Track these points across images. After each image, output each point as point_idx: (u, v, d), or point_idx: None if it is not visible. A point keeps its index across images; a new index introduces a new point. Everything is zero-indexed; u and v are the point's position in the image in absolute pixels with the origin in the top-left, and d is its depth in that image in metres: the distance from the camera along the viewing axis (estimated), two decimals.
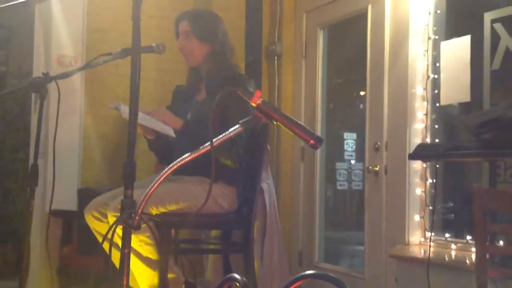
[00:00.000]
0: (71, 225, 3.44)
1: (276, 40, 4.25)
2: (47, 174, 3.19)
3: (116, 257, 1.64)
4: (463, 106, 3.09)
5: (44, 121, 2.14)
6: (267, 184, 2.93)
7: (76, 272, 3.29)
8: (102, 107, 3.54)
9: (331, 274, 1.17)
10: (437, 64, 3.10)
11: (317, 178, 4.01)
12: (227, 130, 1.52)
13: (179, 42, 2.78)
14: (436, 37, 3.17)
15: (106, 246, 1.99)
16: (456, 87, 2.96)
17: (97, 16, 3.69)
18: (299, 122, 1.53)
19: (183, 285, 2.59)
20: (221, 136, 1.51)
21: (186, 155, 1.48)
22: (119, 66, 3.48)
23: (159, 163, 3.13)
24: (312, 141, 1.49)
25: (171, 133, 2.64)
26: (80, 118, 3.61)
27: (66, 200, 3.38)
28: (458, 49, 2.95)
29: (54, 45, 3.56)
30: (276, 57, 4.25)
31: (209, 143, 1.47)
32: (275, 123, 1.51)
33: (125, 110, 2.42)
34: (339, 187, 4.59)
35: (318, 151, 3.90)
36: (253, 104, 1.50)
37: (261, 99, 1.50)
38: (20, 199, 5.40)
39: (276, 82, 4.23)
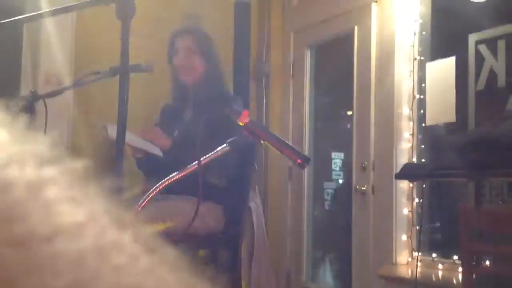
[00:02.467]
0: None
1: (264, 60, 4.28)
2: None
3: None
4: (448, 126, 3.12)
5: None
6: (254, 203, 2.93)
7: None
8: (90, 126, 3.53)
9: None
10: (423, 85, 3.14)
11: (305, 197, 4.01)
12: (215, 149, 1.53)
13: (180, 58, 2.77)
14: (422, 58, 3.21)
15: None
16: (441, 107, 2.99)
17: (86, 34, 3.70)
18: (287, 141, 1.54)
19: None
20: (208, 155, 1.52)
21: (174, 174, 1.48)
22: (107, 84, 3.47)
23: (145, 184, 3.11)
24: (299, 160, 1.50)
25: (158, 152, 2.64)
26: (68, 136, 3.60)
27: None
28: (443, 70, 2.99)
29: (42, 63, 3.56)
30: (264, 77, 4.27)
31: (196, 162, 1.48)
32: (262, 142, 1.52)
33: (113, 130, 2.43)
34: (326, 207, 4.59)
35: (306, 170, 3.91)
36: (241, 123, 1.51)
37: (249, 118, 1.51)
38: None
39: (264, 101, 4.25)
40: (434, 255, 3.02)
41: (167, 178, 1.47)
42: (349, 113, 3.91)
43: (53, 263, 0.31)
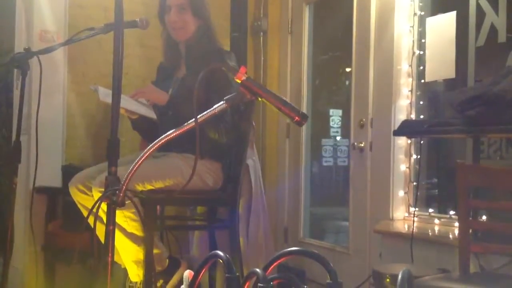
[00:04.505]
0: (56, 202, 3.43)
1: (261, 16, 4.22)
2: (31, 151, 3.16)
3: (101, 232, 1.64)
4: (447, 82, 3.10)
5: (27, 97, 2.12)
6: (252, 160, 2.94)
7: (61, 248, 3.29)
8: (86, 83, 3.50)
9: (313, 251, 1.18)
10: (423, 40, 3.10)
11: (302, 154, 4.02)
12: (211, 106, 1.51)
13: (172, 15, 2.72)
14: (422, 13, 3.16)
15: (91, 220, 1.99)
16: (441, 63, 2.97)
17: None
18: (284, 98, 1.52)
19: (168, 261, 2.59)
20: (205, 112, 1.50)
21: (171, 131, 1.47)
22: (102, 42, 3.44)
23: (144, 140, 3.11)
24: (297, 118, 1.49)
25: (152, 115, 2.63)
26: (64, 94, 3.57)
27: (51, 177, 3.36)
28: (443, 25, 2.95)
29: (36, 21, 3.50)
30: (261, 33, 4.22)
31: (193, 120, 1.47)
32: (260, 99, 1.50)
33: (103, 93, 2.41)
34: (324, 164, 4.61)
35: (304, 127, 3.90)
36: (238, 81, 1.49)
37: (246, 76, 1.49)
38: (3, 177, 5.36)
39: (262, 58, 4.21)
40: (430, 210, 3.04)
41: (164, 136, 1.46)
42: (348, 69, 3.89)
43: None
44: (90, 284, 2.99)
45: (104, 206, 1.52)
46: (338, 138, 4.65)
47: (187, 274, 1.31)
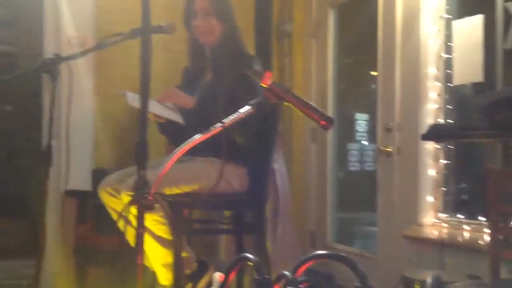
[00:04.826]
0: (86, 205, 3.47)
1: (286, 19, 4.22)
2: (61, 154, 3.21)
3: (130, 235, 1.66)
4: (476, 86, 3.06)
5: (56, 102, 2.15)
6: (278, 165, 2.93)
7: (92, 251, 3.33)
8: (113, 88, 3.54)
9: (343, 254, 1.18)
10: (450, 44, 3.07)
11: (328, 159, 4.00)
12: (237, 110, 1.52)
13: (199, 20, 2.74)
14: (449, 16, 3.13)
15: (121, 224, 2.01)
16: (468, 66, 2.93)
17: None
18: (310, 102, 1.52)
19: (196, 264, 2.61)
20: (231, 116, 1.51)
21: (198, 135, 1.48)
22: (129, 47, 3.47)
23: (170, 144, 3.14)
24: (323, 122, 1.49)
25: (179, 119, 2.65)
26: (92, 99, 3.62)
27: (80, 180, 3.41)
28: (470, 28, 2.92)
29: (64, 26, 3.56)
30: (286, 37, 4.22)
31: (220, 124, 1.47)
32: (285, 103, 1.51)
33: (131, 97, 2.43)
34: (350, 168, 4.58)
35: (330, 132, 3.89)
36: (264, 85, 1.49)
37: (272, 80, 1.50)
38: (33, 180, 5.45)
39: (286, 62, 4.21)
40: (460, 216, 3.00)
41: (190, 140, 1.47)
42: (374, 73, 3.86)
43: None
44: (120, 287, 3.01)
45: (133, 209, 1.54)
46: (364, 142, 4.62)
47: (217, 276, 1.32)
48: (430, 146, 3.13)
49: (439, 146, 3.12)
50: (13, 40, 6.29)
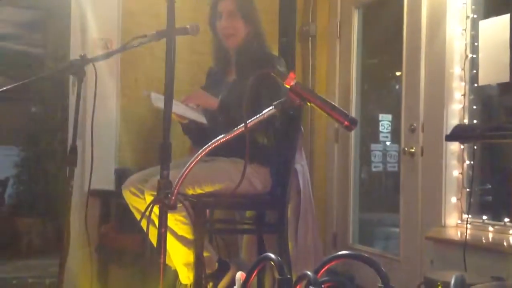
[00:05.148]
0: (109, 204, 3.52)
1: (310, 20, 4.22)
2: (85, 154, 3.25)
3: (153, 234, 1.68)
4: (502, 86, 3.02)
5: (82, 103, 2.18)
6: (301, 165, 2.93)
7: (114, 250, 3.36)
8: (138, 89, 3.59)
9: (365, 255, 1.18)
10: (476, 44, 3.03)
11: (351, 159, 3.99)
12: (261, 111, 1.53)
13: (224, 22, 2.75)
14: (475, 16, 3.09)
15: (143, 223, 2.04)
16: (495, 67, 2.89)
17: None
18: (333, 103, 1.52)
19: (217, 264, 2.62)
20: (255, 117, 1.52)
21: (221, 136, 1.49)
22: (153, 49, 3.51)
23: (193, 144, 3.16)
24: (346, 123, 1.48)
25: (203, 120, 2.67)
26: (117, 99, 3.66)
27: (104, 180, 3.45)
28: (497, 28, 2.88)
29: (90, 28, 3.61)
30: (310, 38, 4.21)
31: (243, 124, 1.48)
32: (309, 104, 1.51)
33: (156, 98, 2.46)
34: (373, 169, 4.56)
35: (352, 132, 3.87)
36: (287, 86, 1.50)
37: (295, 81, 1.50)
38: (58, 179, 5.53)
39: (310, 63, 4.21)
40: (484, 217, 2.96)
41: (214, 141, 1.48)
42: (398, 73, 3.83)
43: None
44: (142, 286, 3.04)
45: (156, 209, 1.56)
46: (387, 143, 4.58)
47: (239, 275, 1.33)
48: (455, 146, 3.10)
49: (463, 147, 3.09)
50: (41, 42, 6.39)
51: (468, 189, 3.03)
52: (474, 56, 3.05)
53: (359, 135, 4.11)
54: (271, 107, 1.52)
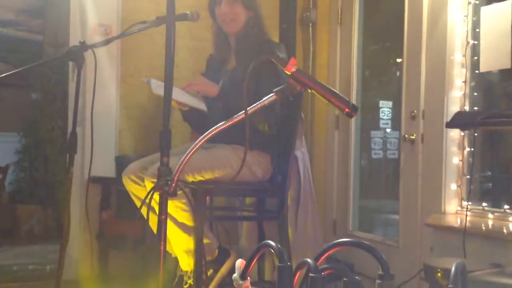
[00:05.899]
0: (110, 191, 3.52)
1: (310, 6, 4.19)
2: (85, 141, 3.26)
3: (153, 221, 1.68)
4: (503, 73, 3.01)
5: (82, 89, 2.18)
6: (301, 152, 2.94)
7: (115, 237, 3.38)
8: (138, 76, 3.57)
9: (365, 242, 1.18)
10: (477, 30, 3.02)
11: (351, 146, 3.99)
12: (261, 98, 1.52)
13: (223, 7, 2.74)
14: (476, 2, 3.08)
15: (144, 210, 2.04)
16: (496, 53, 2.88)
17: None
18: (334, 90, 1.51)
19: (217, 251, 2.63)
20: (255, 104, 1.51)
21: (221, 123, 1.49)
22: (153, 35, 3.49)
23: (194, 131, 3.15)
24: (347, 109, 1.48)
25: (203, 107, 2.66)
26: (117, 86, 3.65)
27: (104, 167, 3.46)
28: (498, 14, 2.86)
29: (89, 14, 3.60)
30: (310, 24, 4.19)
31: (243, 111, 1.48)
32: (309, 91, 1.50)
33: (156, 85, 2.45)
34: (373, 156, 4.56)
35: (353, 119, 3.87)
36: (288, 72, 1.49)
37: (296, 67, 1.49)
38: (58, 166, 5.54)
39: (311, 49, 4.19)
40: (484, 204, 2.97)
41: (214, 128, 1.48)
42: (399, 60, 3.82)
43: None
44: (142, 272, 3.06)
45: (156, 196, 1.56)
46: (388, 130, 4.58)
47: (239, 263, 1.33)
48: (455, 133, 3.09)
49: (463, 134, 3.08)
50: (41, 29, 6.37)
51: (468, 176, 3.03)
52: (476, 42, 3.04)
53: (360, 122, 4.11)
54: (271, 94, 1.51)
